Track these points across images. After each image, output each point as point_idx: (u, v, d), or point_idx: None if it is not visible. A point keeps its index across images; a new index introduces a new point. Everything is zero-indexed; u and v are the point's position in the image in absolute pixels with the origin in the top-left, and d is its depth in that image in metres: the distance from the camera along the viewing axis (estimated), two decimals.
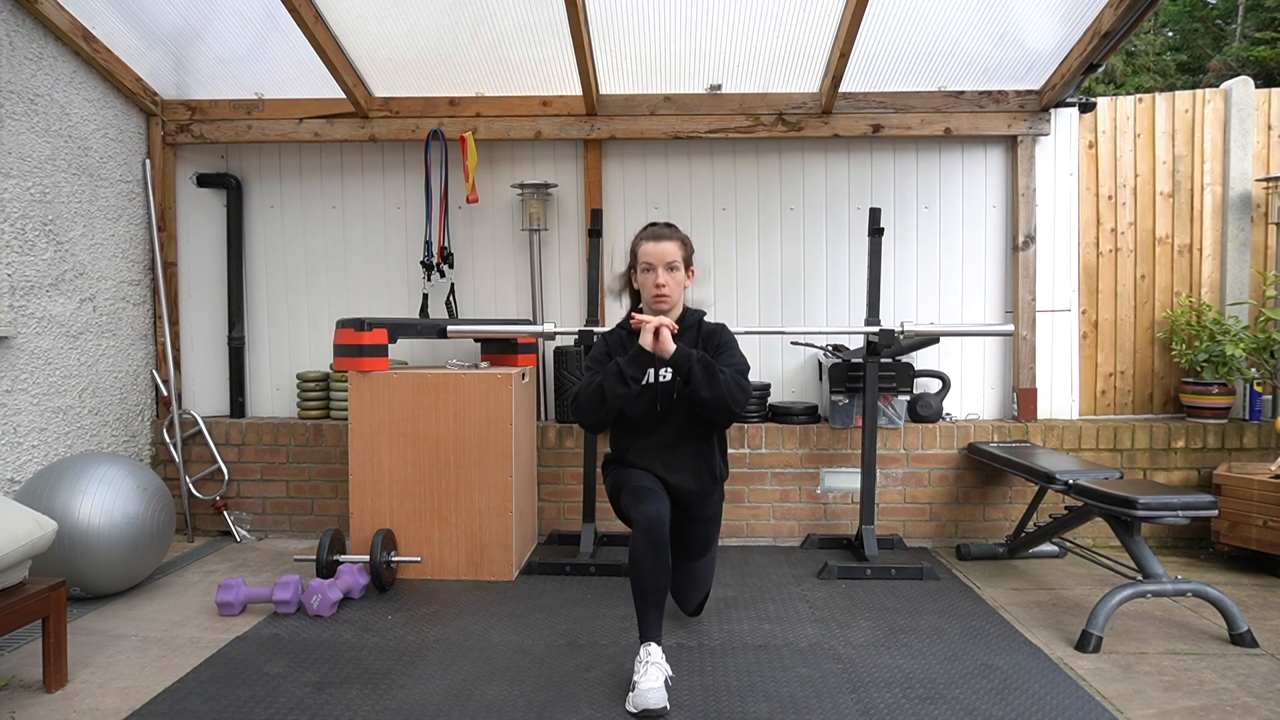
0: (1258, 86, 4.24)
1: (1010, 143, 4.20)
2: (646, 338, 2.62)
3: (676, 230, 2.81)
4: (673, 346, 2.62)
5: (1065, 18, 3.62)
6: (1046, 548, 3.74)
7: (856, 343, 4.20)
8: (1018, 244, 4.16)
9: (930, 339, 3.98)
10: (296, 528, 4.22)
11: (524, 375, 3.69)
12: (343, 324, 3.53)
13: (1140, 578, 2.92)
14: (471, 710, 2.38)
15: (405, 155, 4.35)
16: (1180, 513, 2.82)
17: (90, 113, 3.87)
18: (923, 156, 4.25)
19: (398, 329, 3.63)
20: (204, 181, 4.35)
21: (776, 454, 4.05)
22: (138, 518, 3.24)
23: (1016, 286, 4.17)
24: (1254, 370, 4.03)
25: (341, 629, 2.98)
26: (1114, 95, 4.45)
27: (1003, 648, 2.80)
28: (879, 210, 3.87)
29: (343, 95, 4.05)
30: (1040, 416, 4.22)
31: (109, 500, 3.17)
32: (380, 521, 3.51)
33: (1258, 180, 4.22)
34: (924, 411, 4.05)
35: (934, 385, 4.19)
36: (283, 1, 3.45)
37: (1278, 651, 2.79)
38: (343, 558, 3.38)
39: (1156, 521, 2.83)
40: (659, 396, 2.75)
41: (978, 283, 4.27)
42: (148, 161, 4.22)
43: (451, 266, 4.26)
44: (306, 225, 4.41)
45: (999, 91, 4.10)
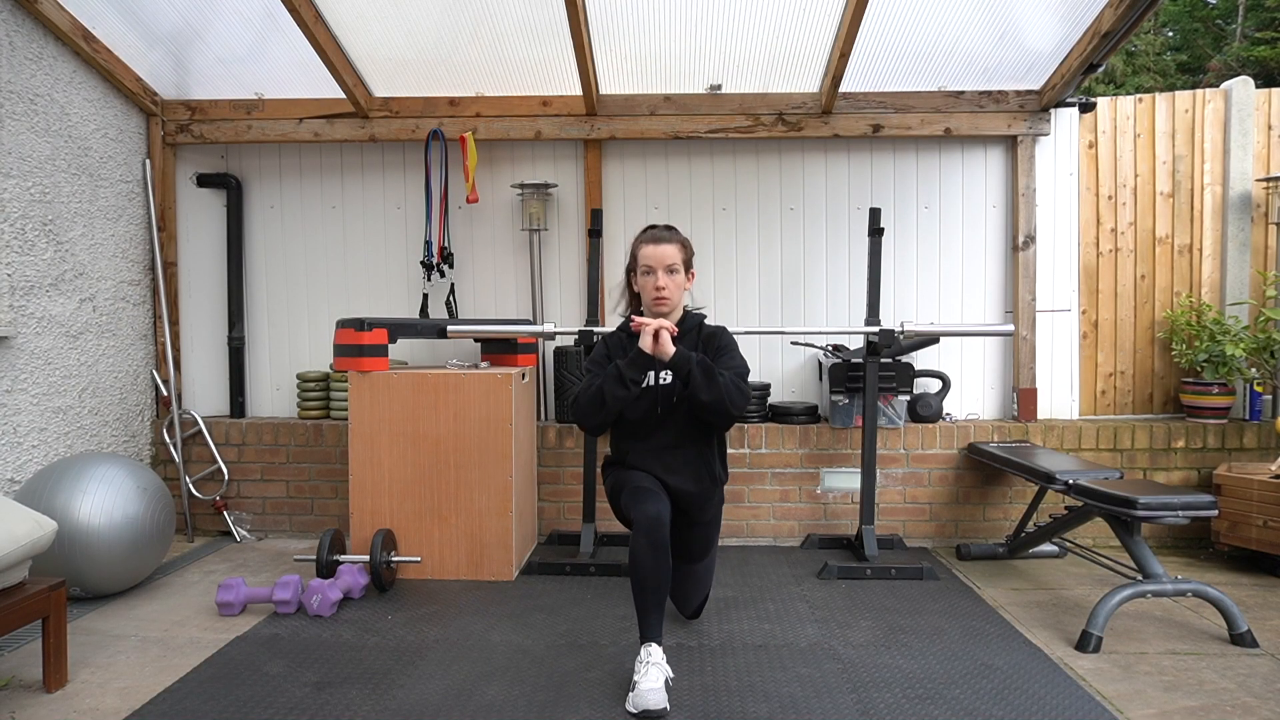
0: (1258, 86, 4.24)
1: (1010, 143, 4.20)
2: (646, 340, 2.62)
3: (676, 233, 2.82)
4: (672, 349, 2.62)
5: (1065, 18, 3.62)
6: (1046, 548, 3.74)
7: (856, 343, 4.20)
8: (1018, 244, 4.16)
9: (930, 339, 3.99)
10: (296, 528, 4.22)
11: (524, 375, 3.69)
12: (343, 324, 3.53)
13: (1140, 578, 2.92)
14: (471, 710, 2.38)
15: (405, 155, 4.35)
16: (1180, 513, 2.82)
17: (90, 113, 3.87)
18: (923, 156, 4.26)
19: (398, 329, 3.63)
20: (204, 181, 4.36)
21: (776, 454, 4.05)
22: (138, 518, 3.24)
23: (1016, 286, 4.17)
24: (1254, 370, 4.03)
25: (341, 629, 2.98)
26: (1114, 95, 4.45)
27: (1003, 648, 2.81)
28: (879, 210, 3.87)
29: (343, 95, 4.05)
30: (1040, 416, 4.22)
31: (109, 500, 3.17)
32: (380, 521, 3.51)
33: (1258, 180, 4.22)
34: (924, 411, 4.06)
35: (934, 385, 4.19)
36: (283, 1, 3.45)
37: (1278, 651, 2.79)
38: (343, 558, 3.38)
39: (1156, 521, 2.83)
40: (659, 399, 2.75)
41: (978, 283, 4.28)
42: (148, 161, 4.22)
43: (451, 266, 4.26)
44: (306, 225, 4.41)
45: (999, 91, 4.10)
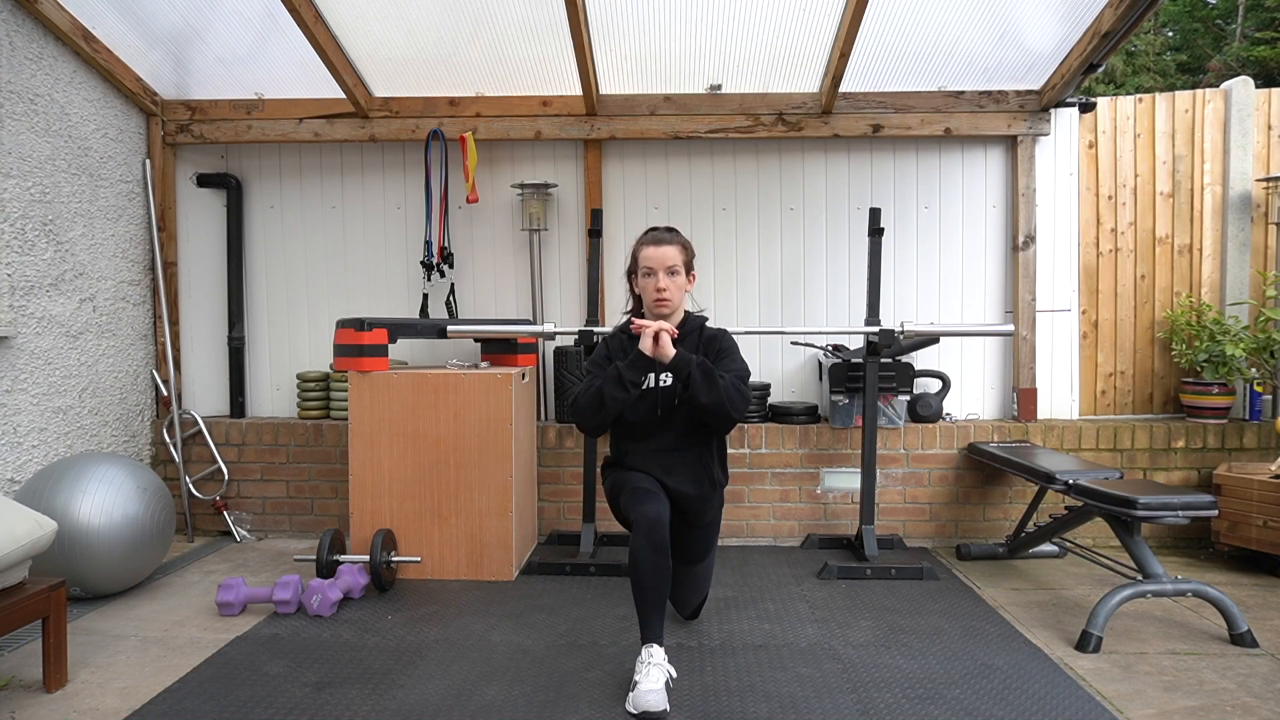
0: (1258, 86, 4.24)
1: (1010, 143, 4.20)
2: (646, 342, 2.62)
3: (678, 235, 2.81)
4: (672, 351, 2.61)
5: (1065, 18, 3.62)
6: (1046, 548, 3.74)
7: (856, 343, 4.20)
8: (1018, 244, 4.16)
9: (930, 339, 3.99)
10: (296, 528, 4.22)
11: (524, 375, 3.69)
12: (343, 324, 3.53)
13: (1140, 578, 2.92)
14: (471, 710, 2.38)
15: (405, 155, 4.35)
16: (1180, 513, 2.82)
17: (90, 113, 3.87)
18: (923, 156, 4.26)
19: (398, 329, 3.63)
20: (204, 181, 4.35)
21: (776, 454, 4.05)
22: (138, 518, 3.24)
23: (1016, 286, 4.17)
24: (1254, 370, 4.03)
25: (341, 629, 2.98)
26: (1114, 95, 4.45)
27: (1003, 648, 2.81)
28: (879, 210, 3.87)
29: (343, 95, 4.05)
30: (1040, 416, 4.22)
31: (109, 500, 3.17)
32: (380, 521, 3.51)
33: (1258, 180, 4.22)
34: (924, 411, 4.06)
35: (934, 385, 4.19)
36: (283, 1, 3.45)
37: (1278, 651, 2.79)
38: (343, 558, 3.38)
39: (1156, 521, 2.83)
40: (659, 401, 2.75)
41: (978, 283, 4.28)
42: (148, 161, 4.22)
43: (451, 266, 4.26)
44: (306, 225, 4.41)
45: (999, 91, 4.10)
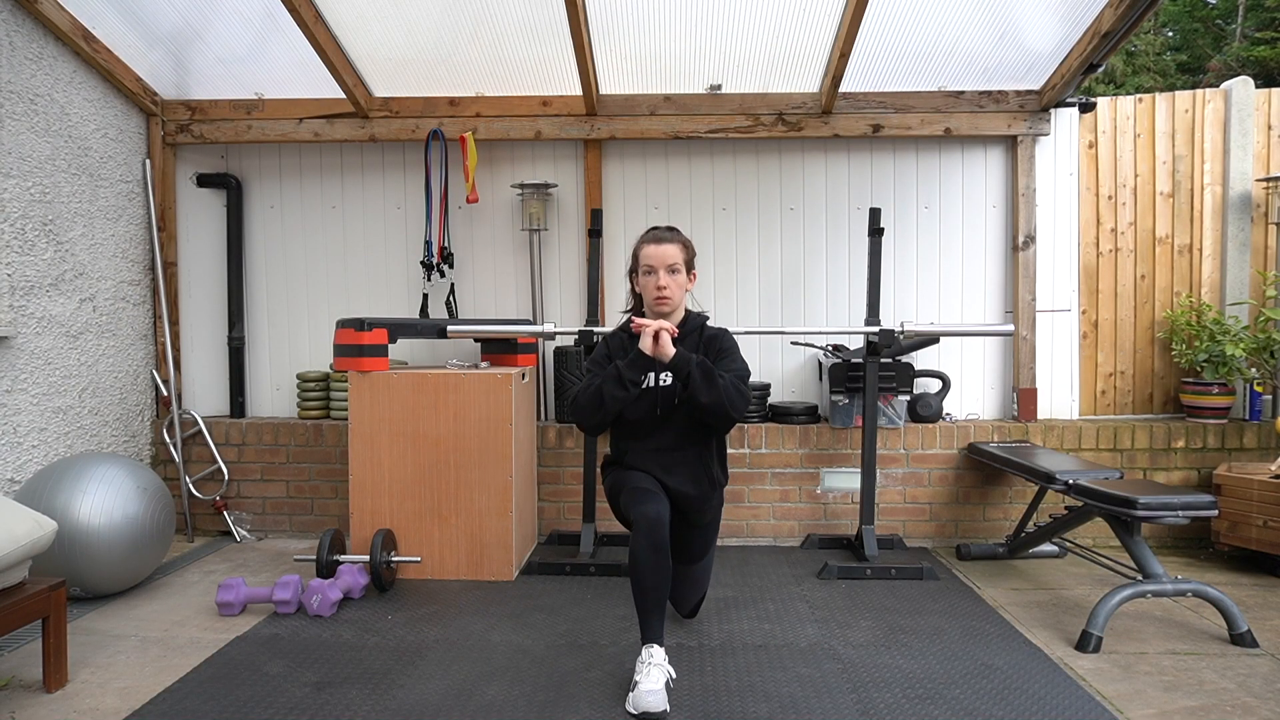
0: (1258, 86, 4.24)
1: (1010, 143, 4.20)
2: (646, 341, 2.62)
3: (678, 234, 2.81)
4: (672, 350, 2.61)
5: (1065, 18, 3.62)
6: (1046, 548, 3.74)
7: (856, 343, 4.20)
8: (1018, 244, 4.16)
9: (930, 339, 3.99)
10: (296, 528, 4.22)
11: (524, 375, 3.69)
12: (343, 324, 3.53)
13: (1140, 578, 2.92)
14: (471, 710, 2.38)
15: (405, 155, 4.35)
16: (1180, 513, 2.82)
17: (90, 113, 3.87)
18: (923, 156, 4.26)
19: (398, 329, 3.63)
20: (204, 181, 4.35)
21: (776, 454, 4.05)
22: (138, 518, 3.24)
23: (1016, 286, 4.17)
24: (1254, 370, 4.03)
25: (341, 629, 2.98)
26: (1114, 95, 4.45)
27: (1003, 648, 2.81)
28: (879, 210, 3.87)
29: (343, 95, 4.05)
30: (1040, 416, 4.22)
31: (109, 500, 3.17)
32: (380, 521, 3.51)
33: (1258, 180, 4.22)
34: (924, 411, 4.06)
35: (934, 385, 4.19)
36: (283, 1, 3.45)
37: (1278, 651, 2.79)
38: (343, 558, 3.38)
39: (1156, 521, 2.83)
40: (659, 401, 2.74)
41: (978, 283, 4.28)
42: (148, 161, 4.22)
43: (451, 266, 4.26)
44: (306, 225, 4.41)
45: (999, 91, 4.10)
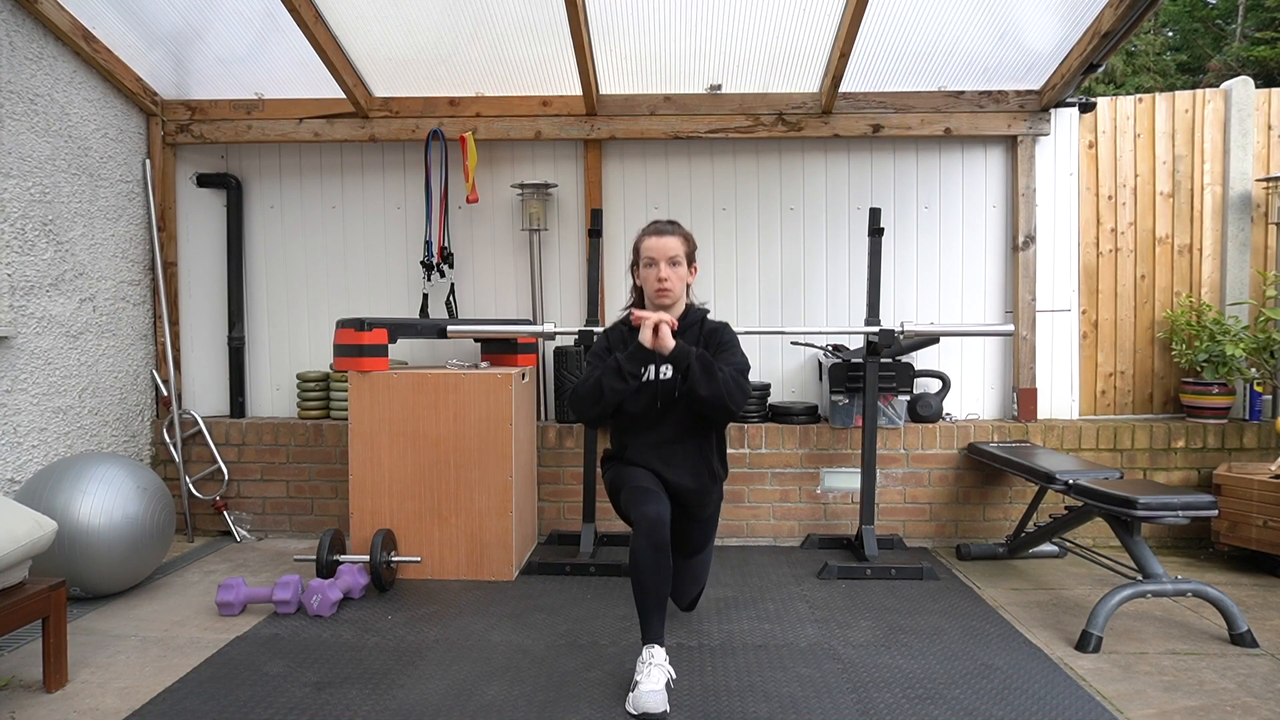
0: (1258, 86, 4.24)
1: (1010, 143, 4.20)
2: (646, 334, 2.60)
3: (679, 227, 2.80)
4: (672, 343, 2.60)
5: (1065, 18, 3.62)
6: (1046, 548, 3.74)
7: (856, 343, 4.20)
8: (1018, 244, 4.16)
9: (930, 339, 3.98)
10: (296, 528, 4.22)
11: (524, 375, 3.69)
12: (343, 324, 3.53)
13: (1140, 578, 2.92)
14: (471, 710, 2.38)
15: (405, 155, 4.35)
16: (1180, 513, 2.82)
17: (90, 113, 3.87)
18: (923, 156, 4.25)
19: (398, 329, 3.63)
20: (204, 181, 4.35)
21: (776, 454, 4.05)
22: (138, 518, 3.24)
23: (1016, 286, 4.17)
24: (1254, 370, 4.03)
25: (341, 629, 2.98)
26: (1114, 95, 4.45)
27: (1003, 648, 2.81)
28: (879, 210, 3.87)
29: (343, 95, 4.05)
30: (1040, 416, 4.22)
31: (109, 500, 3.17)
32: (380, 521, 3.51)
33: (1258, 180, 4.22)
34: (924, 411, 4.05)
35: (934, 385, 4.19)
36: (283, 1, 3.45)
37: (1278, 651, 2.79)
38: (343, 558, 3.38)
39: (1156, 521, 2.83)
40: (659, 394, 2.74)
41: (978, 283, 4.28)
42: (148, 161, 4.22)
43: (451, 266, 4.26)
44: (306, 225, 4.41)
45: (999, 91, 4.10)
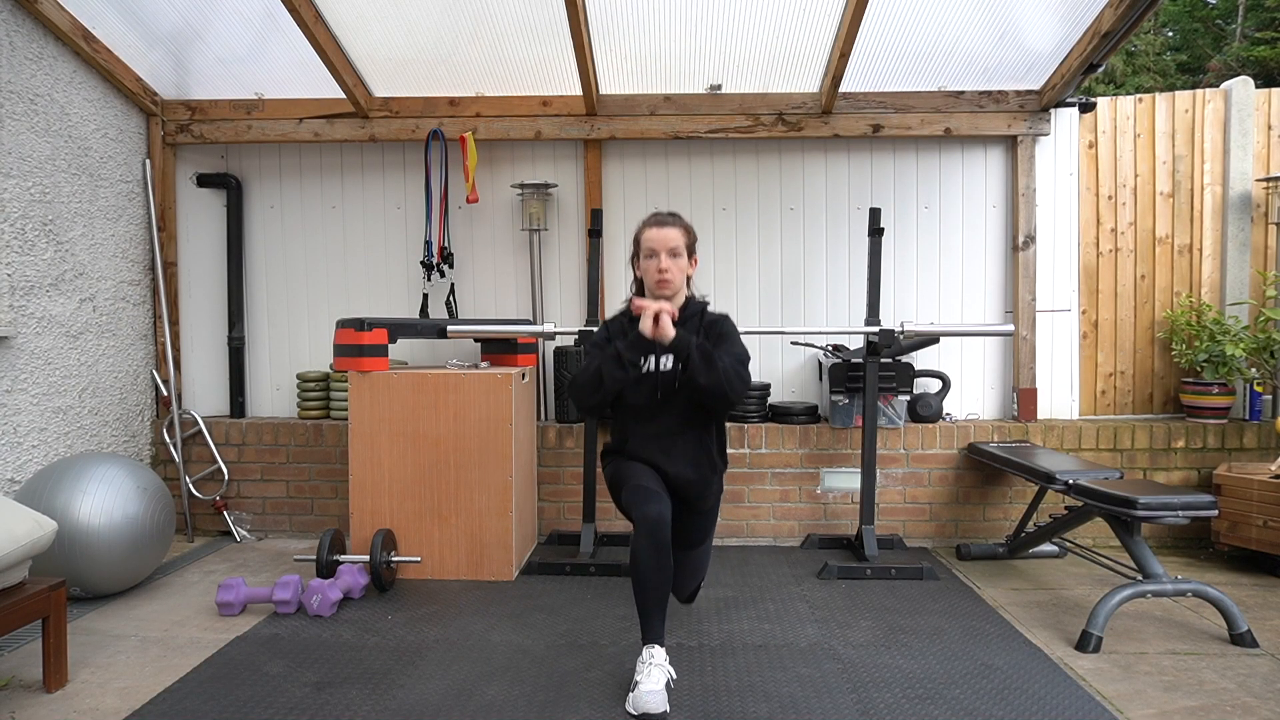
0: (1258, 86, 4.24)
1: (1010, 143, 4.20)
2: (646, 323, 2.58)
3: (680, 218, 2.79)
4: (672, 332, 2.58)
5: (1065, 18, 3.62)
6: (1046, 548, 3.74)
7: (856, 343, 4.20)
8: (1018, 244, 4.16)
9: (930, 339, 3.98)
10: (296, 528, 4.22)
11: (524, 375, 3.69)
12: (343, 324, 3.53)
13: (1140, 578, 2.92)
14: (471, 710, 2.38)
15: (405, 155, 4.35)
16: (1180, 513, 2.82)
17: (90, 113, 3.87)
18: (923, 156, 4.25)
19: (398, 329, 3.63)
20: (204, 181, 4.35)
21: (776, 454, 4.05)
22: (138, 518, 3.24)
23: (1016, 286, 4.17)
24: (1254, 370, 4.03)
25: (341, 629, 2.98)
26: (1114, 95, 4.45)
27: (1003, 648, 2.81)
28: (879, 210, 3.87)
29: (343, 95, 4.05)
30: (1040, 416, 4.22)
31: (109, 500, 3.17)
32: (380, 521, 3.51)
33: (1258, 180, 4.22)
34: (924, 411, 4.05)
35: (934, 385, 4.19)
36: (283, 1, 3.45)
37: (1278, 651, 2.79)
38: (343, 558, 3.38)
39: (1156, 521, 2.83)
40: (659, 385, 2.73)
41: (978, 283, 4.28)
42: (148, 161, 4.22)
43: (451, 266, 4.26)
44: (306, 225, 4.41)
45: (999, 91, 4.10)
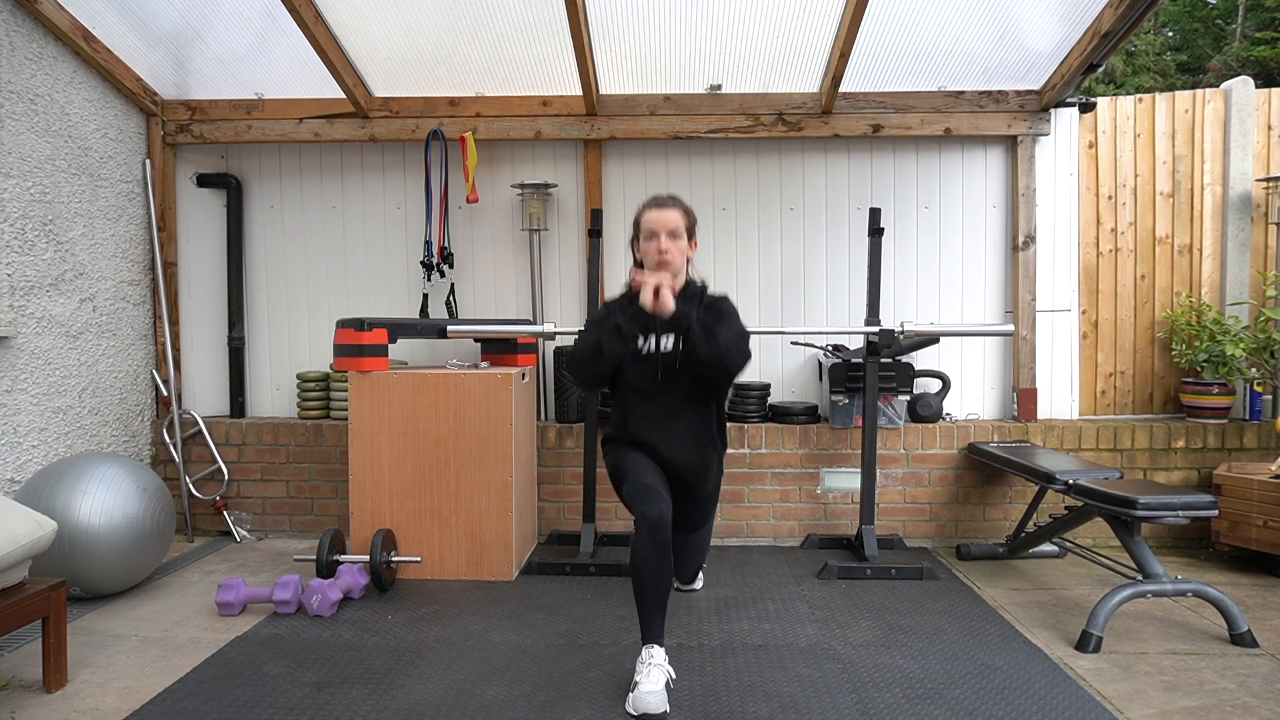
0: (1258, 86, 4.24)
1: (1010, 143, 4.20)
2: (646, 296, 2.57)
3: (679, 200, 2.79)
4: (672, 305, 2.57)
5: (1065, 18, 3.62)
6: (1046, 548, 3.74)
7: (856, 343, 4.20)
8: (1018, 244, 4.16)
9: (930, 339, 3.98)
10: (296, 528, 4.22)
11: (524, 375, 3.69)
12: (343, 324, 3.53)
13: (1140, 578, 2.92)
14: (471, 710, 2.38)
15: (405, 155, 4.35)
16: (1180, 513, 2.82)
17: (90, 113, 3.87)
18: (923, 156, 4.25)
19: (398, 329, 3.63)
20: (204, 181, 4.35)
21: (776, 454, 4.05)
22: (138, 518, 3.24)
23: (1016, 286, 4.17)
24: (1254, 370, 4.03)
25: (341, 629, 2.98)
26: (1114, 95, 4.45)
27: (1003, 648, 2.81)
28: (879, 210, 3.87)
29: (343, 95, 4.05)
30: (1040, 416, 4.22)
31: (109, 500, 3.17)
32: (380, 521, 3.51)
33: (1258, 180, 4.22)
34: (924, 411, 4.05)
35: (934, 385, 4.19)
36: (283, 1, 3.45)
37: (1278, 651, 2.79)
38: (343, 558, 3.38)
39: (1156, 521, 2.83)
40: (660, 366, 2.73)
41: (978, 283, 4.28)
42: (148, 161, 4.22)
43: (451, 266, 4.26)
44: (306, 225, 4.41)
45: (999, 91, 4.10)
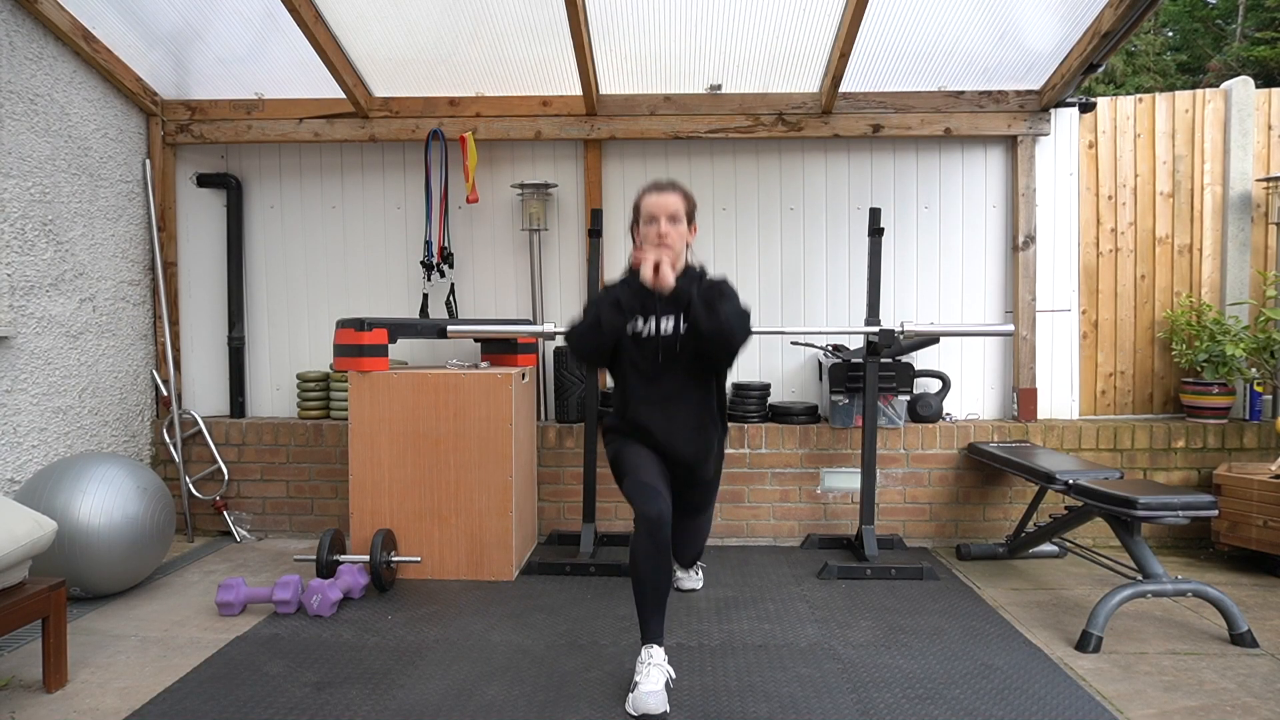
0: (1258, 86, 4.24)
1: (1010, 143, 4.20)
2: (647, 271, 2.57)
3: (679, 185, 2.78)
4: (672, 280, 2.57)
5: (1065, 18, 3.62)
6: (1046, 548, 3.74)
7: (856, 343, 4.20)
8: (1018, 244, 4.16)
9: (930, 339, 3.98)
10: (296, 528, 4.22)
11: (524, 375, 3.69)
12: (343, 324, 3.53)
13: (1140, 578, 2.92)
14: (471, 710, 2.38)
15: (405, 155, 4.35)
16: (1180, 513, 2.82)
17: (90, 113, 3.87)
18: (923, 156, 4.25)
19: (398, 329, 3.63)
20: (204, 181, 4.35)
21: (776, 454, 4.05)
22: (138, 518, 3.24)
23: (1016, 286, 4.17)
24: (1254, 370, 4.03)
25: (341, 629, 2.98)
26: (1114, 95, 4.45)
27: (1003, 648, 2.81)
28: (879, 210, 3.87)
29: (343, 95, 4.05)
30: (1040, 416, 4.22)
31: (109, 500, 3.17)
32: (380, 521, 3.51)
33: (1258, 180, 4.22)
34: (924, 411, 4.05)
35: (934, 385, 4.19)
36: (283, 1, 3.45)
37: (1278, 651, 2.79)
38: (343, 558, 3.38)
39: (1156, 521, 2.83)
40: (660, 349, 2.73)
41: (978, 283, 4.28)
42: (148, 161, 4.22)
43: (451, 266, 4.26)
44: (306, 225, 4.41)
45: (999, 91, 4.10)
